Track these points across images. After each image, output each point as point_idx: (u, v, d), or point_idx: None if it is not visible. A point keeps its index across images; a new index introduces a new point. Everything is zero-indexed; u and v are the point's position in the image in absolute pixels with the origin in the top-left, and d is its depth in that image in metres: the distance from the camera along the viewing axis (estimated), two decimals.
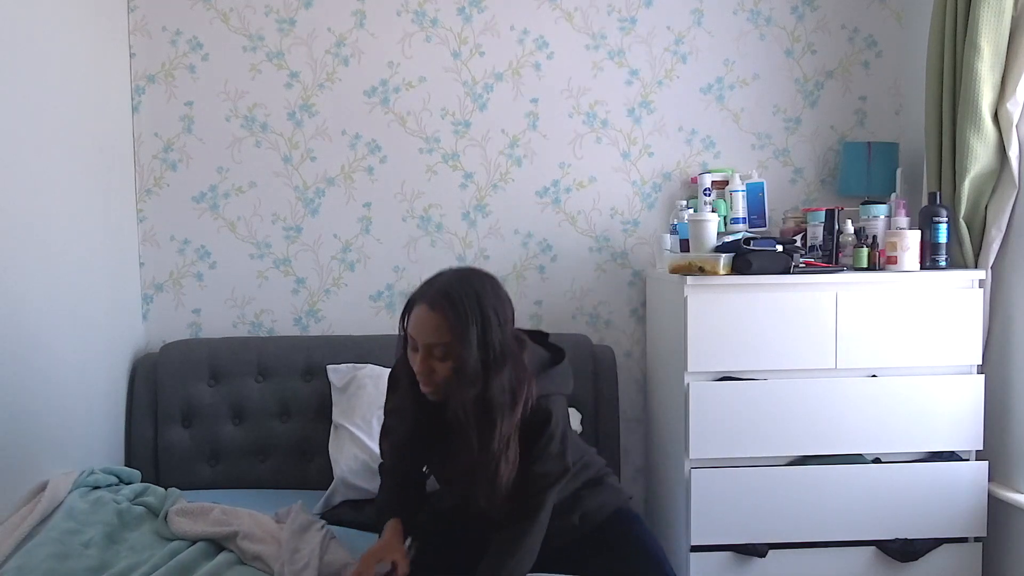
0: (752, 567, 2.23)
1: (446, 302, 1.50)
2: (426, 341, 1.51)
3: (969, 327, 2.23)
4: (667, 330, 2.43)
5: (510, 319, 1.57)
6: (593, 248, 2.75)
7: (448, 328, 1.49)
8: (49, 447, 2.06)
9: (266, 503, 2.11)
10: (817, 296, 2.21)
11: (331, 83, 2.68)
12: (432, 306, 1.50)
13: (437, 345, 1.51)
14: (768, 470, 2.22)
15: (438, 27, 2.69)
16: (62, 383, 2.12)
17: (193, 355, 2.51)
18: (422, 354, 1.53)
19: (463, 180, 2.72)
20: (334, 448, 2.33)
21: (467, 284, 1.53)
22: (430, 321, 1.50)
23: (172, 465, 2.46)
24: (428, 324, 1.51)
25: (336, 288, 2.72)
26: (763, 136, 2.76)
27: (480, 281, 1.56)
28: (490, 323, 1.50)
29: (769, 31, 2.75)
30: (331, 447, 2.34)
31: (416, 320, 1.53)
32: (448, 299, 1.50)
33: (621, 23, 2.72)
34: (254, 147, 2.67)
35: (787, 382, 2.21)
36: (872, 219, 2.34)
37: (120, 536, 1.90)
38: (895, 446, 2.23)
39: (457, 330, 1.48)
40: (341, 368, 2.46)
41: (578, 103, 2.72)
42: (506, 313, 1.56)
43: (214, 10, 2.64)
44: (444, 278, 1.56)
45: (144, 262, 2.67)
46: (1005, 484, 2.29)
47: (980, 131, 2.22)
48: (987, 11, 2.18)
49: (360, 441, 2.27)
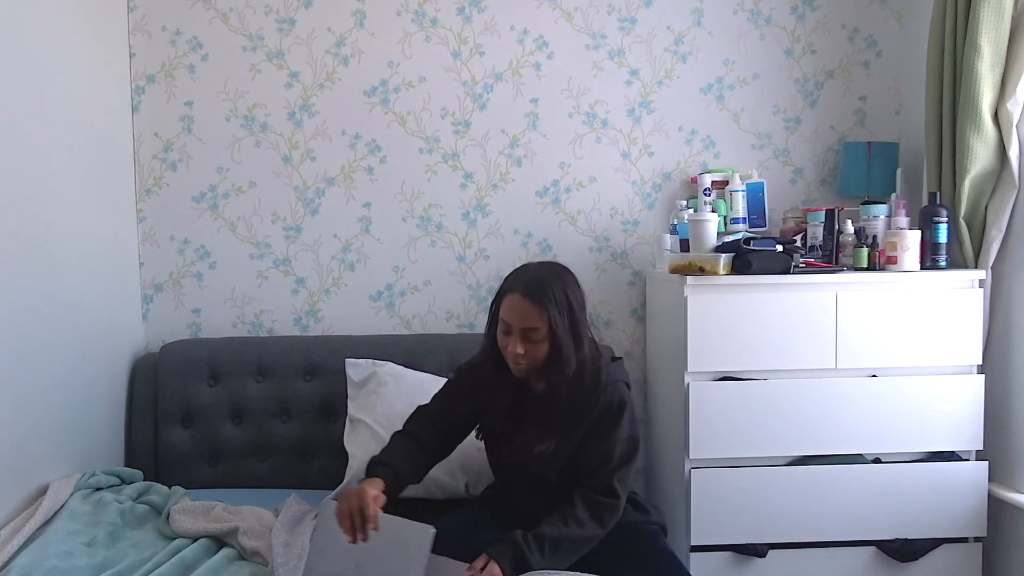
0: (752, 567, 2.23)
1: (539, 290, 1.71)
2: (523, 326, 1.71)
3: (969, 327, 2.23)
4: (667, 330, 2.43)
5: (585, 306, 1.79)
6: (593, 248, 2.75)
7: (542, 313, 1.69)
8: (49, 447, 2.06)
9: (266, 503, 2.11)
10: (817, 296, 2.21)
11: (331, 83, 2.67)
12: (527, 294, 1.71)
13: (533, 329, 1.70)
14: (768, 470, 2.22)
15: (438, 27, 2.69)
16: (62, 383, 2.12)
17: (193, 355, 2.51)
18: (519, 337, 1.72)
19: (463, 180, 2.72)
20: (350, 442, 2.35)
21: (554, 274, 1.76)
22: (526, 308, 1.70)
23: (172, 465, 2.46)
24: (525, 310, 1.70)
25: (336, 288, 2.72)
26: (763, 136, 2.76)
27: (563, 272, 1.79)
28: (574, 308, 1.73)
29: (769, 31, 2.75)
30: (347, 441, 2.36)
31: (512, 307, 1.72)
32: (541, 287, 1.71)
33: (621, 23, 2.72)
34: (254, 147, 2.67)
35: (787, 382, 2.21)
36: (872, 219, 2.34)
37: (123, 535, 1.91)
38: (895, 446, 2.23)
39: (550, 314, 1.69)
40: (360, 363, 2.46)
41: (578, 103, 2.72)
42: (583, 300, 1.79)
43: (214, 10, 2.64)
44: (533, 269, 1.79)
45: (144, 262, 2.67)
46: (1005, 484, 2.29)
47: (980, 131, 2.22)
48: (987, 11, 2.18)
49: (379, 436, 2.27)
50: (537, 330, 1.70)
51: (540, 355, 1.73)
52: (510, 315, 1.72)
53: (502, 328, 1.75)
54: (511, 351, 1.73)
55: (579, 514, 1.73)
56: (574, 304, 1.73)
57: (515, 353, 1.72)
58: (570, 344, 1.72)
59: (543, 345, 1.72)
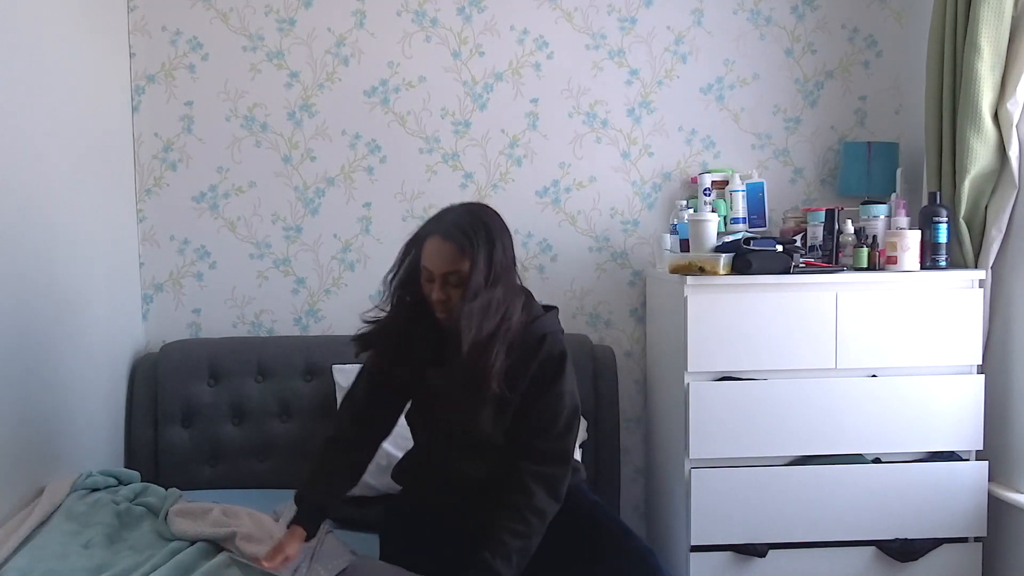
0: (752, 567, 2.23)
1: (459, 232, 1.60)
2: (443, 270, 1.61)
3: (969, 327, 2.23)
4: (667, 330, 2.43)
5: (510, 247, 1.69)
6: (593, 248, 2.75)
7: (463, 256, 1.59)
8: (49, 447, 2.06)
9: (266, 503, 2.10)
10: (817, 296, 2.21)
11: (331, 83, 2.68)
12: (446, 237, 1.61)
13: (454, 272, 1.60)
14: (768, 470, 2.22)
15: (438, 27, 2.69)
16: (62, 383, 2.12)
17: (193, 355, 2.51)
18: (439, 283, 1.62)
19: (463, 180, 2.72)
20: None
21: (475, 216, 1.65)
22: (447, 251, 1.60)
23: (172, 465, 2.46)
24: (445, 254, 1.60)
25: (336, 288, 2.72)
26: (763, 136, 2.76)
27: (487, 213, 1.69)
28: (495, 248, 1.62)
29: (769, 31, 2.75)
30: None
31: (432, 251, 1.62)
32: (461, 230, 1.61)
33: (621, 23, 2.72)
34: (254, 147, 2.67)
35: (787, 382, 2.21)
36: (872, 219, 2.34)
37: (120, 536, 1.90)
38: (895, 446, 2.23)
39: (471, 257, 1.59)
40: (347, 368, 2.45)
41: (578, 103, 2.72)
42: (507, 241, 1.68)
43: (214, 10, 2.64)
44: (454, 212, 1.67)
45: (144, 262, 2.67)
46: (1005, 484, 2.29)
47: (980, 131, 2.22)
48: (987, 11, 2.18)
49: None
50: (455, 273, 1.60)
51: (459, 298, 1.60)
52: (431, 260, 1.62)
53: (424, 275, 1.64)
54: (433, 297, 1.63)
55: (537, 503, 1.63)
56: (496, 244, 1.63)
57: (436, 300, 1.62)
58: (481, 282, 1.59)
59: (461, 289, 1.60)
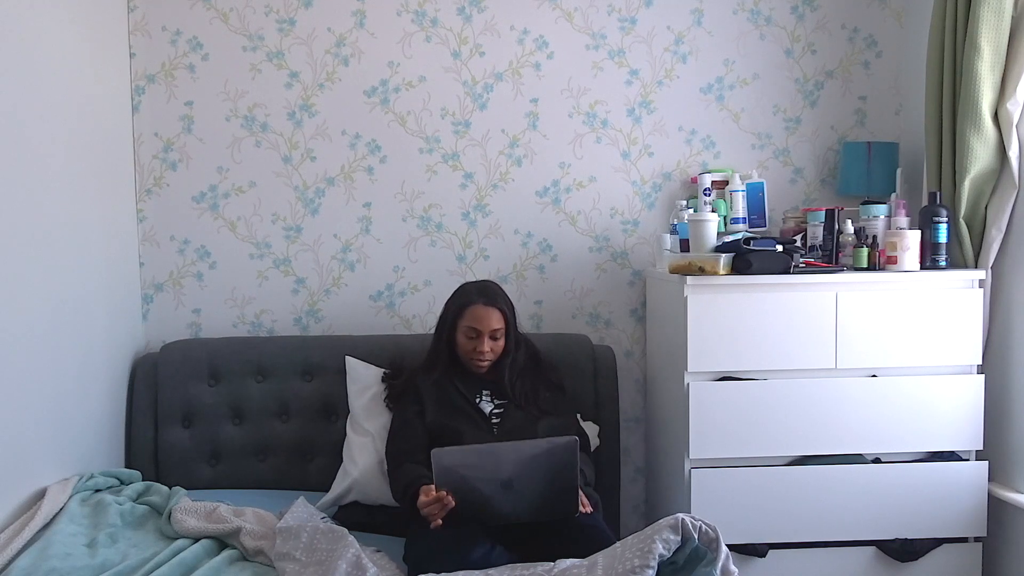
0: (752, 567, 2.23)
1: (496, 298, 2.19)
2: (490, 328, 2.14)
3: (969, 327, 2.23)
4: (667, 330, 2.43)
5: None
6: (593, 248, 2.75)
7: (502, 316, 2.17)
8: (49, 447, 2.06)
9: (266, 503, 2.11)
10: (817, 296, 2.21)
11: (331, 83, 2.68)
12: (488, 303, 2.16)
13: (498, 329, 2.16)
14: (768, 470, 2.22)
15: (438, 27, 2.69)
16: (62, 383, 2.12)
17: (193, 355, 2.51)
18: (486, 339, 2.14)
19: (463, 180, 2.72)
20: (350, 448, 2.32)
21: (493, 286, 2.25)
22: (490, 314, 2.15)
23: (172, 465, 2.45)
24: (490, 316, 2.15)
25: (336, 288, 2.72)
26: (763, 136, 2.76)
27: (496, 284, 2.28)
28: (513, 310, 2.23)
29: (769, 31, 2.75)
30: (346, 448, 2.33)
31: (476, 315, 2.15)
32: (494, 297, 2.19)
33: (621, 23, 2.72)
34: (254, 147, 2.67)
35: (787, 382, 2.21)
36: (872, 219, 2.34)
37: (123, 536, 1.90)
38: (895, 446, 2.24)
39: (507, 316, 2.19)
40: (356, 363, 2.44)
41: (578, 103, 2.72)
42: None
43: (214, 10, 2.64)
44: (478, 285, 2.24)
45: (144, 262, 2.67)
46: (1005, 484, 2.29)
47: (980, 131, 2.22)
48: (987, 11, 2.18)
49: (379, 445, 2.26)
50: (499, 330, 2.16)
51: (499, 349, 2.18)
52: (478, 322, 2.14)
53: (468, 334, 2.15)
54: (479, 351, 2.14)
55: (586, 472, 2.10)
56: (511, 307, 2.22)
57: (482, 352, 2.14)
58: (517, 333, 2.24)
59: (502, 341, 2.18)
